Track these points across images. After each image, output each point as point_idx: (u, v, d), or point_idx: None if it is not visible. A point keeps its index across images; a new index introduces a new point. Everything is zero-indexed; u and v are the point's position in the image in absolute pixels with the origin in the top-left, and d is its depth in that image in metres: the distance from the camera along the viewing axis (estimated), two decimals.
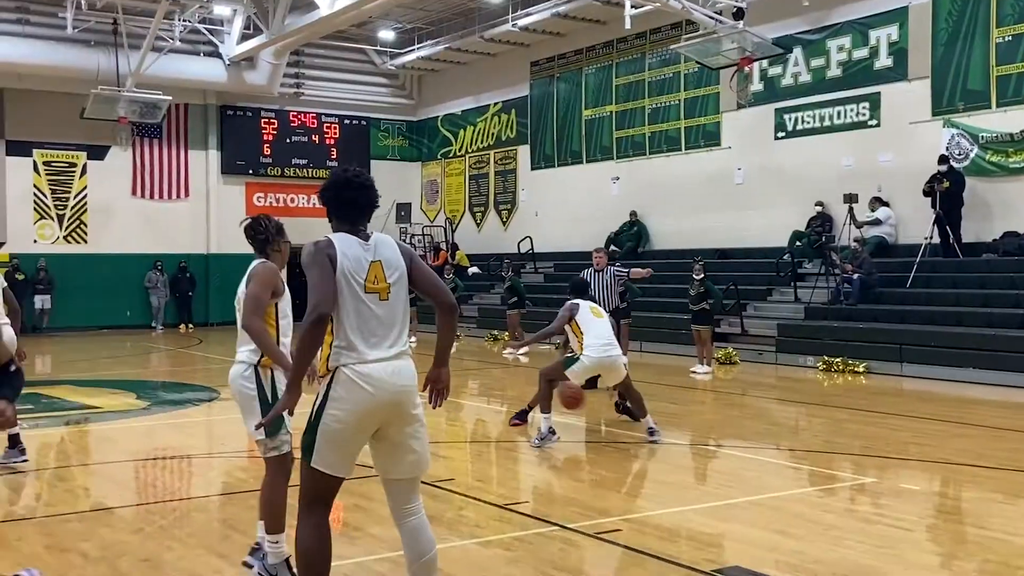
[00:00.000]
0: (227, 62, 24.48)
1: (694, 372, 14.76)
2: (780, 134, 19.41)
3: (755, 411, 12.03)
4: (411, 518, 4.05)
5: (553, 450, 8.70)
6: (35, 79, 22.95)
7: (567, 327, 9.09)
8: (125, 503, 6.93)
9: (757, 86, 19.32)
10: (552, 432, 8.82)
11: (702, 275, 14.85)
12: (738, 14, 15.18)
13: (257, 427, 4.52)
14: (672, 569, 5.13)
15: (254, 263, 5.07)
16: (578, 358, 8.81)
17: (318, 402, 3.89)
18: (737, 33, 15.23)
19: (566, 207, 24.04)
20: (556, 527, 5.94)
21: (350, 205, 4.01)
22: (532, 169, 25.49)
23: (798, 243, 18.36)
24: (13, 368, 6.90)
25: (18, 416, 7.63)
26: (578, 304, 9.07)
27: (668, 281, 18.26)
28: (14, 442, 7.92)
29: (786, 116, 19.26)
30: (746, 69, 16.36)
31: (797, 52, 18.89)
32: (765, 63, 18.73)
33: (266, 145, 26.91)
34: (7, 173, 23.70)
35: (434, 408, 4.16)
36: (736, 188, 20.20)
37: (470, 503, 6.65)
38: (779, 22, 18.77)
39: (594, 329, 8.91)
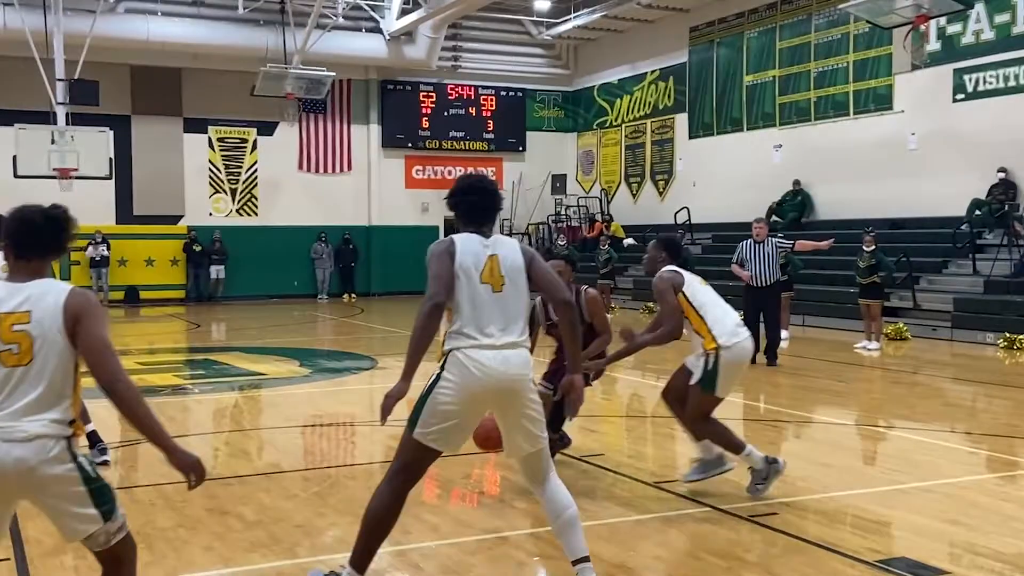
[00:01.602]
0: (387, 37, 24.95)
1: (862, 348, 14.11)
2: (959, 96, 18.20)
3: (927, 390, 11.38)
4: (545, 485, 4.23)
5: None
6: (209, 59, 24.04)
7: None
8: (284, 468, 7.13)
9: (934, 45, 18.16)
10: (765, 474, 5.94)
11: (873, 246, 14.16)
12: None
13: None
14: (832, 558, 4.85)
15: (68, 287, 3.25)
16: (718, 358, 5.72)
17: (431, 380, 4.09)
18: None
19: (725, 176, 23.37)
20: (709, 508, 5.73)
21: (476, 208, 4.29)
22: (690, 138, 24.89)
23: (978, 212, 17.23)
24: None
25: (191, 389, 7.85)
26: (679, 273, 5.91)
27: (834, 252, 17.44)
28: (93, 441, 6.75)
29: (966, 77, 18.03)
30: (922, 27, 15.36)
31: (979, 7, 17.60)
32: (943, 20, 17.55)
33: (424, 118, 27.31)
34: (184, 149, 24.97)
35: (570, 419, 4.34)
36: (909, 154, 19.11)
37: (621, 480, 6.51)
38: None
39: (715, 305, 5.91)
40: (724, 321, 5.81)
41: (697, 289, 5.88)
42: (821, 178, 20.90)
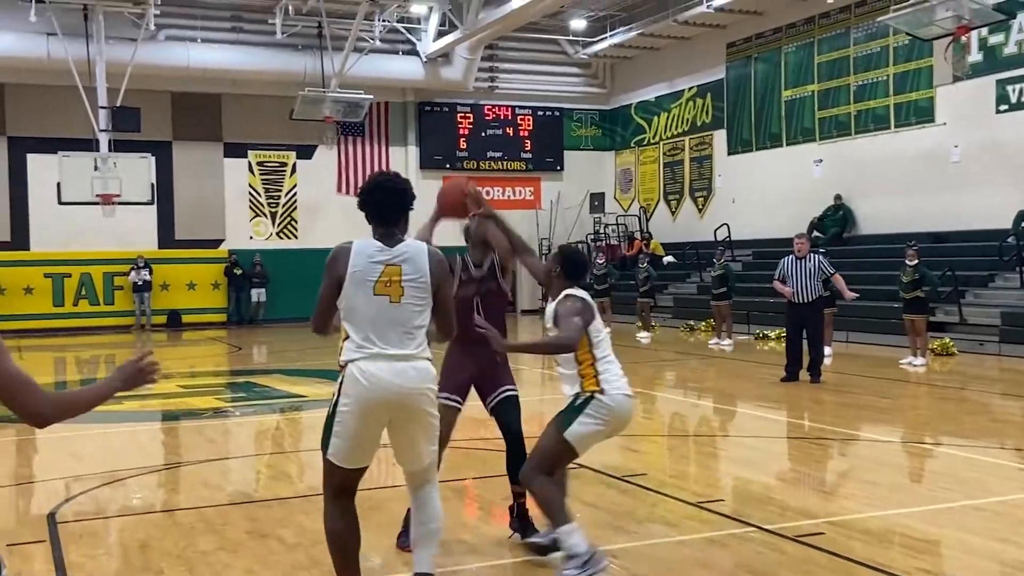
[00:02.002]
0: (424, 59, 25.14)
1: (907, 364, 13.88)
2: (1003, 107, 17.93)
3: (975, 406, 11.15)
4: (423, 496, 4.29)
5: (751, 447, 8.32)
6: (248, 84, 24.36)
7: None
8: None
9: (975, 56, 17.92)
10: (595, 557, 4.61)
11: (916, 260, 13.96)
12: None
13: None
14: None
15: None
16: (592, 400, 4.73)
17: (333, 399, 4.07)
18: (952, 0, 14.15)
19: (765, 192, 23.20)
20: (753, 528, 5.63)
21: (383, 207, 4.17)
22: (729, 154, 24.75)
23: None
24: None
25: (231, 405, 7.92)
26: (590, 307, 4.87)
27: (877, 267, 17.30)
28: None
29: (1009, 87, 17.76)
30: (963, 38, 15.17)
31: (1021, 17, 17.36)
32: (984, 31, 17.33)
33: (462, 139, 27.44)
34: (225, 174, 25.28)
35: None
36: (952, 167, 18.85)
37: (663, 500, 6.43)
38: None
39: (608, 349, 4.90)
40: (611, 368, 4.82)
41: (599, 328, 4.87)
42: (863, 192, 20.67)
